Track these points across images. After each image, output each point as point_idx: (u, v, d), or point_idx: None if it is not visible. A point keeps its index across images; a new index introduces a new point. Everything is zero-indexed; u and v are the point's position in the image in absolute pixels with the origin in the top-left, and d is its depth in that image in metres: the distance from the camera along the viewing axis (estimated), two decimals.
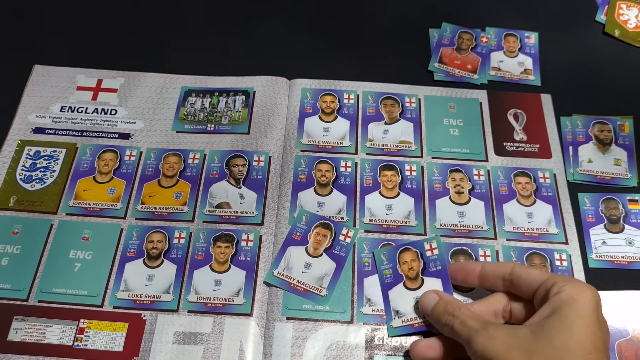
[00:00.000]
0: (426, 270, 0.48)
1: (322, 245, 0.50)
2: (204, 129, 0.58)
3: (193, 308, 0.48)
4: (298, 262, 0.49)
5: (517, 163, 0.56)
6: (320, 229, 0.50)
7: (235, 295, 0.48)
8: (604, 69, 0.64)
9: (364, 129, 0.58)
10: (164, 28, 0.66)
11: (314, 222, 0.51)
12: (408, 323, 0.46)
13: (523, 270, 0.42)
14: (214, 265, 0.50)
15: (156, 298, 0.48)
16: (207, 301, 0.48)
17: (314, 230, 0.50)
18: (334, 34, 0.66)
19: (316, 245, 0.50)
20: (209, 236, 0.51)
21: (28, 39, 0.64)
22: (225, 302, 0.48)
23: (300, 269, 0.49)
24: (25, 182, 0.54)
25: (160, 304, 0.48)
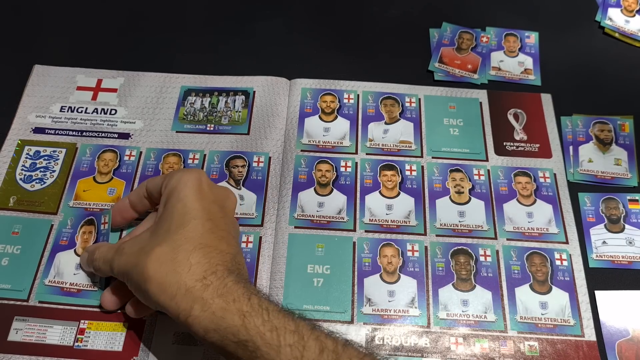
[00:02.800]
0: (404, 268, 0.50)
1: (90, 243, 0.50)
2: (203, 129, 0.58)
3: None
4: (69, 266, 0.49)
5: (517, 163, 0.56)
6: (85, 228, 0.51)
7: None
8: (604, 68, 0.64)
9: (364, 129, 0.58)
10: (163, 28, 0.66)
11: (79, 222, 0.51)
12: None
13: (150, 182, 0.45)
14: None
15: None
16: None
17: (80, 230, 0.51)
18: (334, 34, 0.66)
19: (84, 244, 0.50)
20: None
21: (28, 39, 0.64)
22: None
23: (71, 272, 0.49)
24: (25, 182, 0.54)
25: None
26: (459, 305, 0.49)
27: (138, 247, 0.40)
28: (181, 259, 0.38)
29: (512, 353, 0.47)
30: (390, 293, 0.49)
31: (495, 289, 0.49)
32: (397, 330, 0.47)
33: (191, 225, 0.40)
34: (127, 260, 0.40)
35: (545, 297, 0.49)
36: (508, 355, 0.47)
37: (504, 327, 0.48)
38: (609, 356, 0.47)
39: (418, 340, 0.47)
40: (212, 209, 0.42)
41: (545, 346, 0.47)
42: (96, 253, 0.44)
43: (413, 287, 0.49)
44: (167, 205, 0.41)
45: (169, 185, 0.42)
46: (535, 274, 0.50)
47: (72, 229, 0.51)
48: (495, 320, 0.48)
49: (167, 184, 0.43)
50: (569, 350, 0.47)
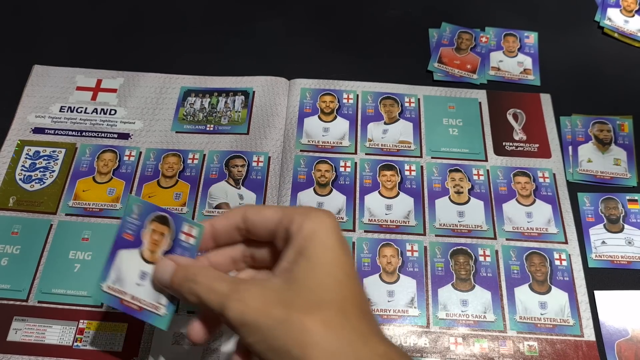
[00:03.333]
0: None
1: (160, 247, 0.38)
2: (203, 129, 0.58)
3: (193, 308, 0.48)
4: (131, 273, 0.39)
5: (516, 163, 0.56)
6: (156, 225, 0.38)
7: None
8: (604, 69, 0.64)
9: (364, 129, 0.58)
10: (163, 28, 0.66)
11: (148, 214, 0.38)
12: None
13: (255, 214, 0.37)
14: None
15: None
16: None
17: (149, 226, 0.38)
18: (333, 34, 0.66)
19: (153, 247, 0.38)
20: None
21: (28, 39, 0.64)
22: None
23: (133, 281, 0.38)
24: (25, 182, 0.54)
25: None
26: (458, 305, 0.49)
27: (268, 296, 0.33)
28: (354, 327, 0.32)
29: (511, 353, 0.47)
30: (389, 293, 0.49)
31: (495, 289, 0.49)
32: (397, 330, 0.47)
33: (351, 285, 0.34)
34: (254, 309, 0.32)
35: (544, 297, 0.49)
36: (507, 355, 0.47)
37: (504, 327, 0.48)
38: (609, 356, 0.47)
39: (417, 340, 0.47)
40: (353, 267, 0.35)
41: (545, 346, 0.47)
42: (199, 276, 0.35)
43: (412, 287, 0.49)
44: (308, 254, 0.34)
45: (304, 227, 0.34)
46: (535, 274, 0.50)
47: (139, 220, 0.40)
48: (494, 320, 0.48)
49: (300, 226, 0.35)
50: (568, 350, 0.47)
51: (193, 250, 0.38)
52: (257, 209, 0.38)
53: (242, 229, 0.38)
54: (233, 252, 0.39)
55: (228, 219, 0.38)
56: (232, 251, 0.39)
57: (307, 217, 0.35)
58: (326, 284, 0.33)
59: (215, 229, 0.38)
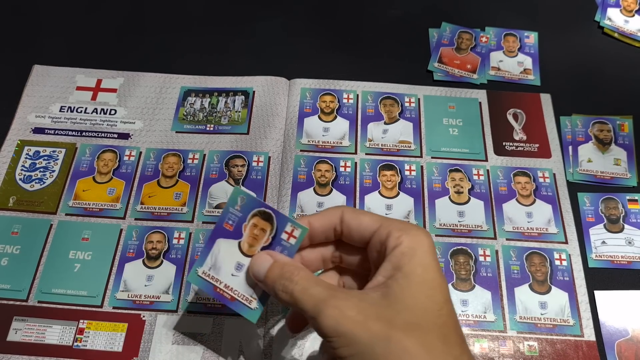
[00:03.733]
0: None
1: (259, 242, 0.38)
2: (203, 129, 0.58)
3: (193, 308, 0.48)
4: (227, 263, 0.39)
5: (516, 163, 0.56)
6: (258, 220, 0.38)
7: None
8: (604, 69, 0.64)
9: (364, 129, 0.58)
10: (163, 28, 0.66)
11: (251, 208, 0.38)
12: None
13: (353, 218, 0.36)
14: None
15: (155, 298, 0.48)
16: (206, 302, 0.48)
17: (250, 220, 0.38)
18: (333, 33, 0.66)
19: (252, 241, 0.38)
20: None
21: (28, 39, 0.64)
22: None
23: (228, 271, 0.39)
24: (25, 182, 0.54)
25: (159, 304, 0.48)
26: (458, 305, 0.49)
27: (367, 309, 0.32)
28: (455, 356, 0.32)
29: (511, 353, 0.47)
30: None
31: (495, 289, 0.49)
32: None
33: (449, 309, 0.33)
34: (352, 320, 0.31)
35: (544, 297, 0.49)
36: (507, 355, 0.47)
37: (504, 327, 0.48)
38: (609, 356, 0.47)
39: None
40: (448, 291, 0.35)
41: (545, 346, 0.47)
42: (296, 276, 0.35)
43: None
44: (407, 271, 0.33)
45: (403, 244, 0.34)
46: (535, 274, 0.50)
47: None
48: (494, 320, 0.48)
49: (398, 241, 0.34)
50: (568, 350, 0.47)
51: (292, 250, 0.37)
52: (355, 214, 0.37)
53: (338, 230, 0.37)
54: (324, 251, 0.39)
55: (327, 219, 0.37)
56: (324, 250, 0.39)
57: (406, 233, 0.34)
58: (426, 306, 0.32)
59: (312, 227, 0.37)
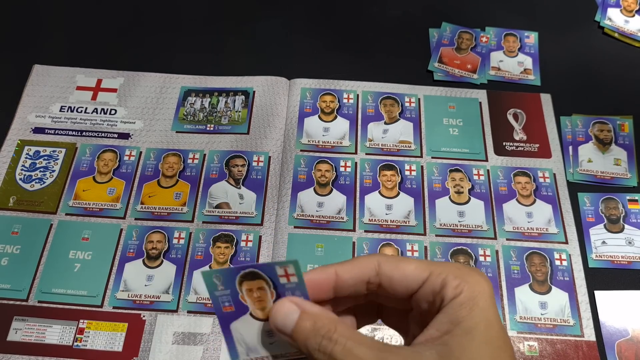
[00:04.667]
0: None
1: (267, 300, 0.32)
2: (203, 129, 0.58)
3: (193, 308, 0.48)
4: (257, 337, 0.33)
5: (516, 163, 0.56)
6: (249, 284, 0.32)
7: None
8: (604, 69, 0.64)
9: (364, 129, 0.58)
10: (163, 28, 0.66)
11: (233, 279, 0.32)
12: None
13: (395, 270, 0.31)
14: (213, 266, 0.50)
15: (156, 298, 0.48)
16: (206, 302, 0.48)
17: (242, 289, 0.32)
18: (333, 33, 0.66)
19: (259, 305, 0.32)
20: (209, 236, 0.51)
21: (28, 39, 0.64)
22: None
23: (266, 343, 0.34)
24: (25, 182, 0.54)
25: (159, 304, 0.48)
26: None
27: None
28: None
29: None
30: None
31: (495, 289, 0.49)
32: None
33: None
34: None
35: (544, 297, 0.49)
36: None
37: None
38: (609, 356, 0.47)
39: None
40: (510, 342, 0.30)
41: (545, 346, 0.47)
42: (336, 333, 0.29)
43: None
44: (467, 326, 0.28)
45: (463, 294, 0.29)
46: (535, 274, 0.50)
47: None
48: None
49: (457, 291, 0.29)
50: (568, 350, 0.47)
51: (303, 287, 0.31)
52: (395, 263, 0.31)
53: (373, 283, 0.31)
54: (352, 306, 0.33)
55: (359, 270, 0.31)
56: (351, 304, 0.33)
57: (465, 282, 0.29)
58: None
59: (340, 279, 0.31)
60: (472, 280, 0.29)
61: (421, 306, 0.31)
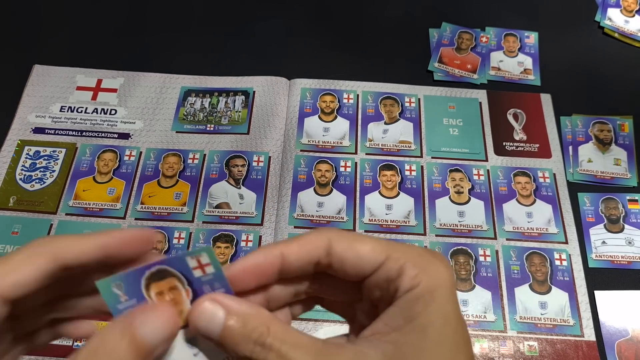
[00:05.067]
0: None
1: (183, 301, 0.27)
2: (203, 129, 0.58)
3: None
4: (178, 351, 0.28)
5: (516, 163, 0.56)
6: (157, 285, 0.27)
7: None
8: (604, 69, 0.64)
9: (364, 129, 0.58)
10: (163, 28, 0.66)
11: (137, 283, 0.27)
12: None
13: (347, 250, 0.27)
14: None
15: None
16: None
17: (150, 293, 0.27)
18: (333, 34, 0.66)
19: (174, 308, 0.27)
20: (209, 236, 0.51)
21: (28, 39, 0.64)
22: None
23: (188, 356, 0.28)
24: (25, 182, 0.54)
25: None
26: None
27: None
28: None
29: (511, 353, 0.47)
30: None
31: (495, 289, 0.49)
32: None
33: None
34: None
35: (544, 297, 0.49)
36: (507, 355, 0.47)
37: (504, 327, 0.48)
38: (609, 356, 0.47)
39: None
40: (469, 340, 0.27)
41: (545, 346, 0.47)
42: (269, 336, 0.25)
43: None
44: (423, 324, 0.25)
45: (421, 285, 0.26)
46: (535, 274, 0.50)
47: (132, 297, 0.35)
48: (494, 320, 0.48)
49: (414, 281, 0.26)
50: (568, 350, 0.47)
51: (222, 278, 0.27)
52: (349, 242, 0.27)
53: (323, 264, 0.27)
54: (299, 287, 0.29)
55: (307, 251, 0.27)
56: (297, 285, 0.29)
57: (424, 272, 0.26)
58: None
59: (286, 262, 0.27)
60: (432, 270, 0.26)
61: (373, 294, 0.27)
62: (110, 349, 0.24)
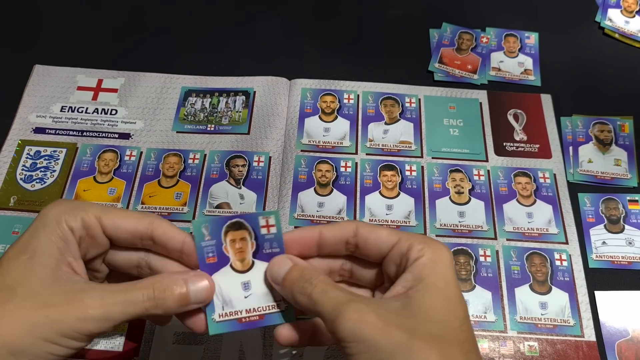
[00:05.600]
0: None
1: (247, 252, 0.36)
2: (204, 129, 0.58)
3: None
4: (233, 290, 0.36)
5: (517, 163, 0.56)
6: (233, 234, 0.36)
7: None
8: (604, 69, 0.64)
9: (364, 129, 0.58)
10: (164, 28, 0.66)
11: (219, 229, 0.35)
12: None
13: (370, 232, 0.35)
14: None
15: None
16: None
17: (226, 239, 0.35)
18: (334, 34, 0.66)
19: (240, 256, 0.36)
20: None
21: (28, 39, 0.64)
22: None
23: (240, 296, 0.36)
24: (26, 182, 0.54)
25: None
26: None
27: (388, 316, 0.31)
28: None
29: (511, 353, 0.47)
30: None
31: (495, 289, 0.49)
32: None
33: (469, 325, 0.33)
34: (373, 324, 0.30)
35: (545, 297, 0.49)
36: (508, 356, 0.47)
37: (504, 327, 0.48)
38: (609, 356, 0.47)
39: None
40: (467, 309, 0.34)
41: (545, 346, 0.47)
42: (315, 279, 0.33)
43: None
44: (429, 283, 0.32)
45: (426, 256, 0.33)
46: (535, 274, 0.50)
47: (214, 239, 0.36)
48: (495, 320, 0.48)
49: (420, 253, 0.33)
50: (568, 350, 0.47)
51: (280, 239, 0.36)
52: (371, 227, 0.35)
53: (351, 244, 0.36)
54: (332, 264, 0.37)
55: (339, 231, 0.36)
56: (332, 262, 0.37)
57: (428, 246, 0.33)
58: (448, 320, 0.31)
59: (323, 238, 0.36)
60: (434, 246, 0.34)
61: (389, 270, 0.35)
62: (165, 287, 0.33)
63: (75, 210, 0.34)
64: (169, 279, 0.34)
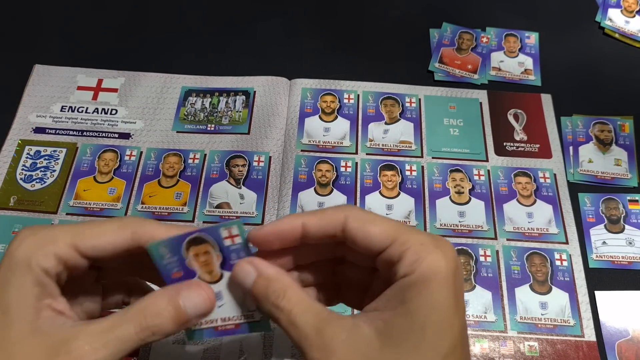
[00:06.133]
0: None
1: (214, 263, 0.33)
2: (204, 129, 0.58)
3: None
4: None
5: (517, 163, 0.56)
6: (195, 249, 0.33)
7: None
8: (604, 69, 0.64)
9: (364, 129, 0.58)
10: (164, 28, 0.66)
11: (179, 246, 0.32)
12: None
13: (359, 229, 0.30)
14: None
15: None
16: None
17: (188, 255, 0.33)
18: (334, 34, 0.66)
19: (206, 268, 0.33)
20: None
21: (28, 39, 0.64)
22: None
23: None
24: (26, 182, 0.54)
25: None
26: None
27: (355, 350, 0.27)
28: None
29: (512, 353, 0.47)
30: None
31: (495, 289, 0.49)
32: None
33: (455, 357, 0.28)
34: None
35: (545, 297, 0.49)
36: (508, 356, 0.47)
37: (504, 327, 0.48)
38: (609, 356, 0.47)
39: None
40: (464, 329, 0.29)
41: (545, 346, 0.47)
42: (283, 299, 0.29)
43: None
44: (411, 309, 0.27)
45: (422, 265, 0.28)
46: (535, 274, 0.50)
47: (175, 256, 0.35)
48: (495, 320, 0.48)
49: (417, 262, 0.28)
50: (568, 350, 0.47)
51: (246, 248, 0.33)
52: (362, 222, 0.30)
53: (339, 237, 0.31)
54: (322, 253, 0.34)
55: (325, 223, 0.30)
56: (321, 251, 0.33)
57: (422, 260, 0.28)
58: (427, 357, 0.27)
59: (306, 229, 0.31)
60: (430, 259, 0.28)
61: (382, 269, 0.30)
62: (157, 311, 0.29)
63: (45, 245, 0.29)
64: (161, 298, 0.30)
